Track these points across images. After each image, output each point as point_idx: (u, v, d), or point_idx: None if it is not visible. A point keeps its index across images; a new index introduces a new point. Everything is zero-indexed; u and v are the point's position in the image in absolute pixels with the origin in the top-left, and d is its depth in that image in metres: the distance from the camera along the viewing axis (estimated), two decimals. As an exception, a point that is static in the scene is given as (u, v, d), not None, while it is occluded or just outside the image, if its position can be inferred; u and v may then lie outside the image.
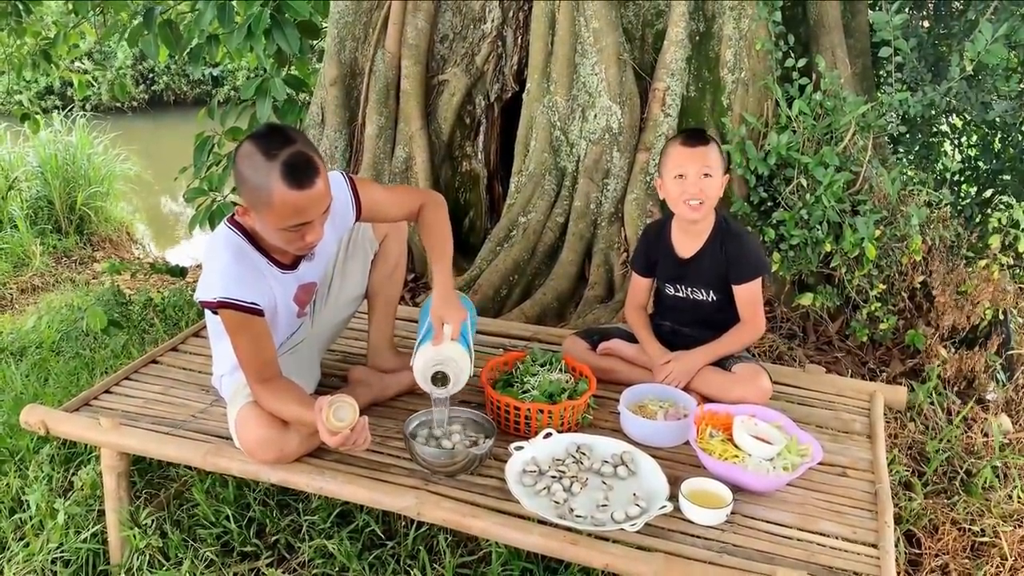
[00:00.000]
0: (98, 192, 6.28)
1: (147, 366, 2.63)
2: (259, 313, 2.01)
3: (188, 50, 4.04)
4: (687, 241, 2.53)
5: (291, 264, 2.17)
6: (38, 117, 5.80)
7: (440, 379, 2.13)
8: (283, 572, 2.21)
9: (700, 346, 2.50)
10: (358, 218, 2.26)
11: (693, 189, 2.40)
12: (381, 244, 2.44)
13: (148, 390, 2.47)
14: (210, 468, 2.16)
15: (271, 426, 2.02)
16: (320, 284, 2.39)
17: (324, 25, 4.52)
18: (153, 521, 2.34)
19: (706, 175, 2.38)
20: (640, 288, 2.68)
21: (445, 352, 2.14)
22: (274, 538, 2.34)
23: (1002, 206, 3.98)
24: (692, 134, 2.47)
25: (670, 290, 2.61)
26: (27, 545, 2.34)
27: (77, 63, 7.20)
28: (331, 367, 2.61)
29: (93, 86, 10.40)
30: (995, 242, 3.24)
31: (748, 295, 2.48)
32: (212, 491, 2.45)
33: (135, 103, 11.63)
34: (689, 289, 2.56)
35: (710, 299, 2.53)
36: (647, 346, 2.56)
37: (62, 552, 2.33)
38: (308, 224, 1.95)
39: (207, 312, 2.18)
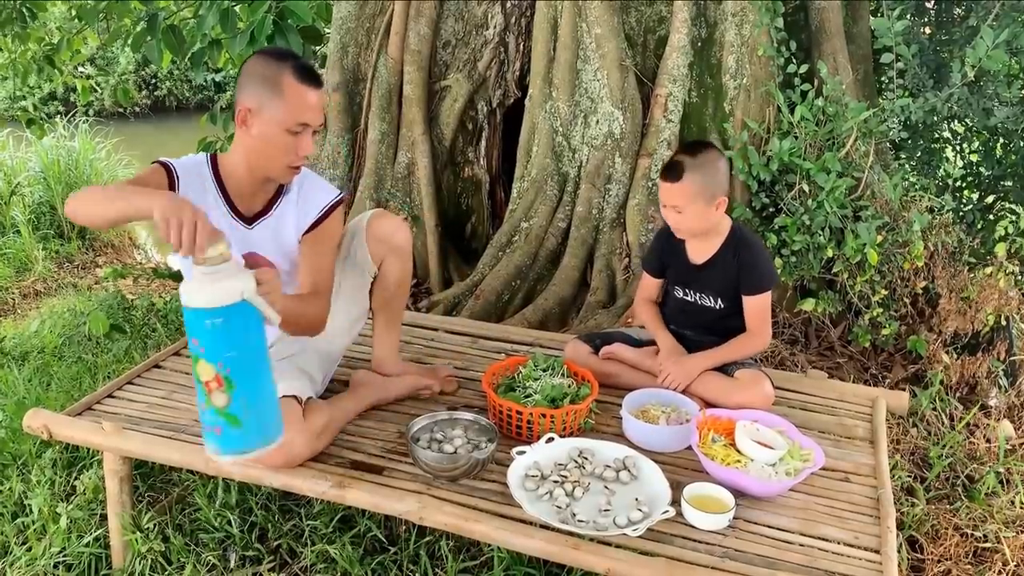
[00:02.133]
0: (100, 197, 6.28)
1: (149, 371, 2.63)
2: (169, 177, 2.05)
3: (190, 55, 4.05)
4: (700, 247, 2.53)
5: (248, 218, 2.18)
6: (43, 122, 5.81)
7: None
8: (285, 577, 2.21)
9: (703, 351, 2.51)
10: (316, 223, 2.19)
11: (669, 219, 2.45)
12: (380, 267, 2.37)
13: (150, 395, 2.47)
14: (212, 472, 2.16)
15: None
16: (283, 274, 2.32)
17: (327, 31, 4.54)
18: (155, 525, 2.34)
19: (677, 212, 2.40)
20: (650, 285, 2.70)
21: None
22: (276, 543, 2.34)
23: (1007, 213, 3.97)
24: (666, 167, 2.41)
25: (679, 293, 2.61)
26: (30, 549, 2.34)
27: (80, 68, 7.21)
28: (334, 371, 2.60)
29: (96, 91, 10.44)
30: (1001, 250, 3.24)
31: (758, 306, 2.48)
32: (214, 495, 2.45)
33: (138, 108, 11.65)
34: (698, 294, 2.56)
35: (718, 306, 2.53)
36: (660, 338, 2.58)
37: (64, 556, 2.33)
38: (307, 128, 2.04)
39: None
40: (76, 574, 2.30)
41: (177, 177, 2.07)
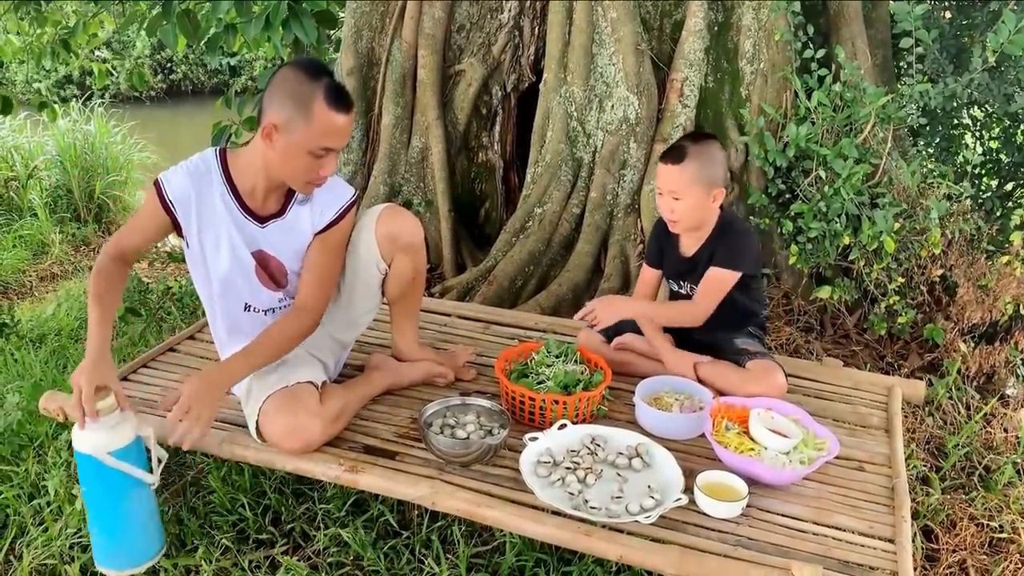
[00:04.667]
0: (116, 181, 6.31)
1: (164, 354, 2.64)
2: (169, 215, 2.08)
3: (206, 39, 4.05)
4: (691, 239, 2.51)
5: (260, 218, 2.15)
6: (55, 105, 5.83)
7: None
8: (298, 560, 2.22)
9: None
10: (331, 224, 2.20)
11: (665, 208, 2.39)
12: (391, 265, 2.34)
13: (165, 378, 2.48)
14: (226, 456, 2.17)
15: (296, 414, 2.03)
16: (291, 271, 2.33)
17: (341, 15, 4.52)
18: (169, 508, 2.35)
19: (675, 198, 2.35)
20: (648, 282, 2.66)
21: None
22: (289, 526, 2.34)
23: None
24: (669, 150, 2.38)
25: (674, 286, 2.61)
26: (46, 530, 2.36)
27: (96, 52, 7.23)
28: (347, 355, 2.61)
29: (112, 75, 10.46)
30: (1017, 239, 3.20)
31: (713, 278, 2.41)
32: (228, 479, 2.46)
33: (153, 92, 11.68)
34: (690, 286, 2.54)
35: None
36: (653, 339, 2.57)
37: (80, 537, 2.34)
38: (331, 152, 2.01)
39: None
40: (92, 555, 2.32)
41: (168, 197, 2.06)
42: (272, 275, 2.23)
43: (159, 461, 2.03)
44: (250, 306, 2.25)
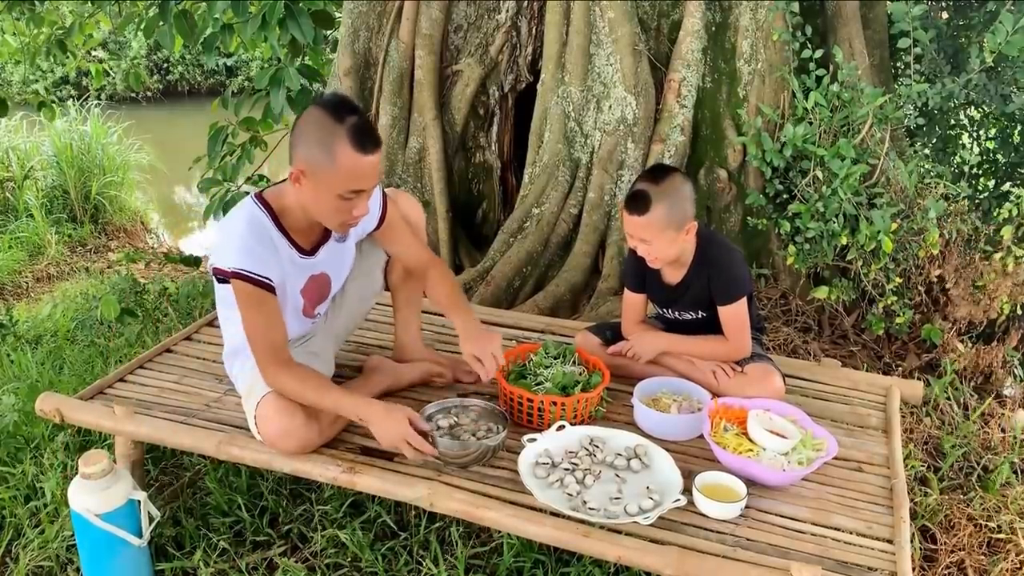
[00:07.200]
0: (113, 181, 6.30)
1: (161, 355, 2.63)
2: (271, 290, 2.01)
3: (202, 40, 4.04)
4: (672, 269, 2.47)
5: (310, 250, 2.15)
6: (54, 105, 5.81)
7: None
8: (296, 562, 2.22)
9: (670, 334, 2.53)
10: (378, 227, 2.26)
11: (639, 251, 2.36)
12: None
13: (162, 379, 2.48)
14: (223, 457, 2.16)
15: (293, 416, 2.02)
16: (335, 284, 2.37)
17: (338, 15, 4.51)
18: (167, 510, 2.35)
19: (646, 243, 2.31)
20: (636, 306, 2.62)
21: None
22: (287, 528, 2.34)
23: (1013, 197, 3.92)
24: (631, 199, 2.29)
25: (660, 312, 2.61)
26: (42, 532, 2.36)
27: (92, 53, 7.20)
28: (346, 357, 2.60)
29: (108, 76, 10.44)
30: (1007, 234, 3.19)
31: (730, 317, 2.41)
32: (225, 480, 2.46)
33: (149, 93, 11.65)
34: (677, 312, 2.54)
35: (699, 316, 2.51)
36: (686, 368, 2.53)
37: (76, 540, 2.34)
38: (361, 194, 1.97)
39: (216, 283, 2.12)
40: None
41: (260, 275, 1.99)
42: (315, 298, 2.24)
43: (151, 520, 2.06)
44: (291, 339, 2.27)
